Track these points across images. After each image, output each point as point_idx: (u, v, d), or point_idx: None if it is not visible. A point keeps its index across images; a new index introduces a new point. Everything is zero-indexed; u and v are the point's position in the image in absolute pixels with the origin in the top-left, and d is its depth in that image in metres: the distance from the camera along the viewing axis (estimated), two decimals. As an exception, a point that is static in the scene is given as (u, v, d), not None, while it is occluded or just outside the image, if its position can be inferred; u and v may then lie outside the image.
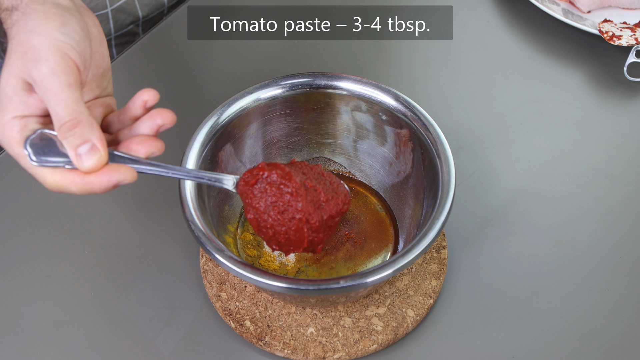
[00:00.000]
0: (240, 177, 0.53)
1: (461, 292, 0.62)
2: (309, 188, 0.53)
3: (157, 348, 0.58)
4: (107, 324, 0.60)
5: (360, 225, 0.64)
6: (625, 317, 0.61)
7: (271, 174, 0.52)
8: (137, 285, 0.62)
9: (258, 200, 0.52)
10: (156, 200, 0.68)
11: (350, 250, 0.62)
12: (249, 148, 0.64)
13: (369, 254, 0.62)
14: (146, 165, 0.48)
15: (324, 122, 0.65)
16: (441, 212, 0.53)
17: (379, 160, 0.65)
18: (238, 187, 0.52)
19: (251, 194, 0.52)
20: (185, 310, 0.60)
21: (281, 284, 0.50)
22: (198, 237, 0.52)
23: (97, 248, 0.65)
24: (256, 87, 0.62)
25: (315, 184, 0.53)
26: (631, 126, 0.76)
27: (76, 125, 0.44)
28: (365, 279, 0.50)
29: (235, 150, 0.63)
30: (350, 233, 0.64)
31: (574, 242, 0.66)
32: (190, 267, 0.63)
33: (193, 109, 0.75)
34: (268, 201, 0.52)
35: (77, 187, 0.46)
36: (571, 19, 0.84)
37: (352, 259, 0.62)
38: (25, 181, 0.69)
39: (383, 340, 0.58)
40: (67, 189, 0.46)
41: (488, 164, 0.72)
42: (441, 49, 0.85)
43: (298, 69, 0.65)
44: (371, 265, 0.62)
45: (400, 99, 0.61)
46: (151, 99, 0.49)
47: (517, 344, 0.59)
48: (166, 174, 0.50)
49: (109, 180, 0.46)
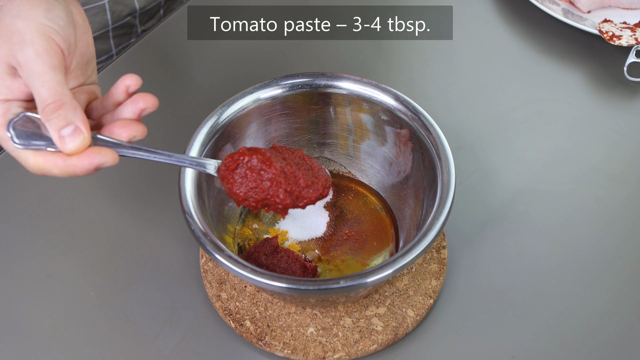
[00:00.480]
0: (221, 161, 0.53)
1: (461, 292, 0.62)
2: (289, 175, 0.53)
3: (157, 348, 0.58)
4: (107, 324, 0.60)
5: (361, 225, 0.64)
6: (625, 317, 0.61)
7: (252, 159, 0.52)
8: (137, 285, 0.62)
9: (239, 186, 0.52)
10: (156, 200, 0.68)
11: (353, 246, 0.63)
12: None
13: (370, 252, 0.62)
14: (129, 149, 0.48)
15: (324, 122, 0.65)
16: (441, 212, 0.53)
17: (379, 160, 0.65)
18: (219, 172, 0.53)
19: (232, 179, 0.52)
20: (185, 310, 0.60)
21: (281, 284, 0.50)
22: (198, 237, 0.52)
23: (97, 248, 0.64)
24: (256, 87, 0.62)
25: (295, 170, 0.54)
26: (631, 126, 0.76)
27: (60, 107, 0.44)
28: (365, 279, 0.50)
29: (236, 150, 0.63)
30: (350, 232, 0.64)
31: (574, 242, 0.66)
32: (190, 267, 0.63)
33: (193, 109, 0.76)
34: (248, 186, 0.52)
35: (59, 170, 0.46)
36: (571, 19, 0.84)
37: (357, 254, 0.62)
38: (25, 181, 0.69)
39: (383, 340, 0.58)
40: (49, 172, 0.47)
41: (488, 164, 0.72)
42: (441, 49, 0.85)
43: (298, 69, 0.65)
44: (374, 262, 0.62)
45: (400, 99, 0.61)
46: (133, 84, 0.50)
47: (517, 344, 0.59)
48: (148, 158, 0.50)
49: (90, 163, 0.46)
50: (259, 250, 0.59)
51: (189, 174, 0.56)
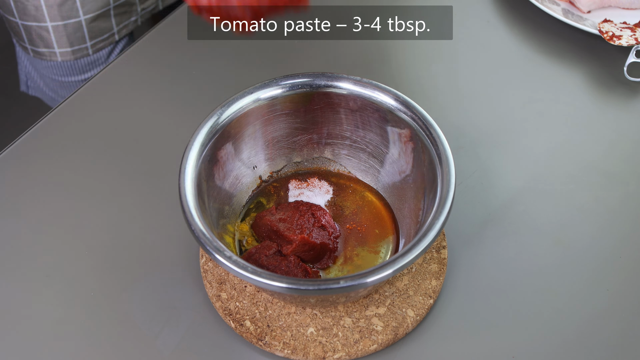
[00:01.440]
0: None
1: (461, 292, 0.62)
2: None
3: (157, 348, 0.58)
4: (107, 324, 0.60)
5: (359, 216, 0.64)
6: (625, 317, 0.61)
7: None
8: (137, 285, 0.62)
9: None
10: (156, 200, 0.68)
11: (357, 237, 0.63)
12: (249, 148, 0.64)
13: (375, 239, 0.62)
14: None
15: (324, 122, 0.65)
16: (441, 212, 0.53)
17: (379, 160, 0.65)
18: None
19: None
20: (185, 310, 0.60)
21: (281, 284, 0.50)
22: (198, 237, 0.52)
23: (97, 248, 0.64)
24: (256, 87, 0.62)
25: None
26: (631, 126, 0.76)
27: None
28: (365, 279, 0.50)
29: (235, 150, 0.63)
30: (351, 224, 0.64)
31: (574, 242, 0.66)
32: (191, 267, 0.63)
33: (193, 109, 0.75)
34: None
35: None
36: (571, 19, 0.84)
37: (364, 244, 0.62)
38: (26, 181, 0.69)
39: (383, 340, 0.58)
40: None
41: (488, 164, 0.72)
42: (441, 49, 0.85)
43: (298, 69, 0.65)
44: (383, 248, 0.62)
45: (400, 99, 0.61)
46: None
47: (517, 344, 0.59)
48: None
49: None
50: (260, 252, 0.59)
51: (189, 174, 0.56)
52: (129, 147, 0.72)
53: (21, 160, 0.71)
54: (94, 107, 0.77)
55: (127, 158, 0.72)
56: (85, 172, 0.70)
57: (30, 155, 0.72)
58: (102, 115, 0.76)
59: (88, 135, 0.74)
